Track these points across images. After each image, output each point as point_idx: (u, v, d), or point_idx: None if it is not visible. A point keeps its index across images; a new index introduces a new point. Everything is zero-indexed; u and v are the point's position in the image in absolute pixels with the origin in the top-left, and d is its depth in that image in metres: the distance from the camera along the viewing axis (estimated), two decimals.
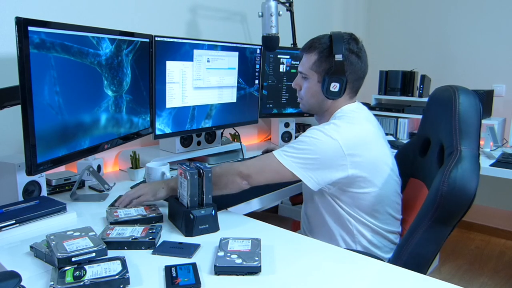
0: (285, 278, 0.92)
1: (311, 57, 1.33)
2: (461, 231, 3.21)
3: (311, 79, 1.34)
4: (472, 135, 1.19)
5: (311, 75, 1.34)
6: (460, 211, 1.13)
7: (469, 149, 1.18)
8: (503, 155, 2.24)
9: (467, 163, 1.14)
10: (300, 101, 1.42)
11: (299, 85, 1.40)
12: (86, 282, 0.83)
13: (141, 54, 1.59)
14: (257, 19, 2.02)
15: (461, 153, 1.16)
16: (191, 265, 0.94)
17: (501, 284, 2.49)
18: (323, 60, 1.30)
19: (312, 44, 1.33)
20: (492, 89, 2.82)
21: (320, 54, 1.31)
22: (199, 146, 1.96)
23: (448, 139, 1.23)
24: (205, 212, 1.13)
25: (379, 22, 3.50)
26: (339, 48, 1.27)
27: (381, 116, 3.01)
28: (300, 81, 1.39)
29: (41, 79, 1.11)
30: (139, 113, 1.64)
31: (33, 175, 1.13)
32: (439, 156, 1.32)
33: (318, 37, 1.34)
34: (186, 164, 1.19)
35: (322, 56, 1.30)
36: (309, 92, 1.36)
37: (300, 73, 1.37)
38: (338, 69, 1.27)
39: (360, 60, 1.32)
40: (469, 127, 1.20)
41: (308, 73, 1.34)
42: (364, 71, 1.35)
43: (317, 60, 1.31)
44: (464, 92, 1.25)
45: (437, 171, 1.25)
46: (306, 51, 1.35)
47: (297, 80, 1.41)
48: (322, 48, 1.31)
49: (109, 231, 1.08)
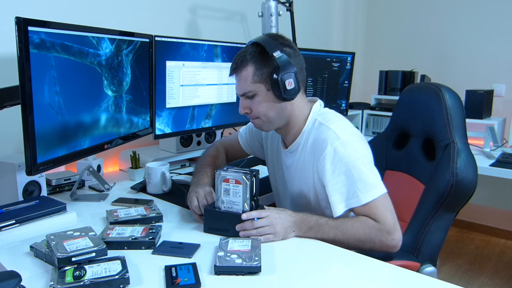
0: (285, 278, 0.92)
1: (247, 71, 1.16)
2: (461, 231, 3.21)
3: (259, 92, 1.17)
4: (461, 128, 1.35)
5: (256, 88, 1.17)
6: (467, 197, 1.28)
7: (463, 141, 1.33)
8: (503, 155, 2.24)
9: (465, 153, 1.30)
10: (258, 122, 1.23)
11: (248, 107, 1.21)
12: (86, 282, 0.83)
13: (141, 54, 1.59)
14: (257, 19, 2.02)
15: (457, 144, 1.31)
16: (191, 265, 0.94)
17: (501, 284, 2.49)
18: (262, 66, 1.16)
19: (240, 60, 1.18)
20: (492, 89, 2.82)
21: (256, 63, 1.16)
22: (199, 146, 1.96)
23: (441, 133, 1.36)
24: None
25: (379, 22, 3.50)
26: (272, 46, 1.14)
27: (381, 116, 3.01)
28: (246, 103, 1.20)
29: (41, 79, 1.11)
30: (139, 113, 1.64)
31: (33, 175, 1.12)
32: (425, 149, 1.45)
33: (240, 53, 1.19)
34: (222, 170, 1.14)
35: (259, 63, 1.16)
36: (264, 106, 1.18)
37: (243, 95, 1.20)
38: (282, 65, 1.13)
39: (293, 50, 1.20)
40: (458, 121, 1.35)
41: (253, 88, 1.17)
42: (302, 60, 1.22)
43: (255, 69, 1.16)
44: (447, 89, 1.40)
45: (425, 162, 1.43)
46: (238, 70, 1.18)
47: (242, 104, 1.21)
48: (253, 56, 1.16)
49: (109, 231, 1.08)
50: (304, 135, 1.22)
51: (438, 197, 1.28)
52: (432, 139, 1.41)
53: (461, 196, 1.28)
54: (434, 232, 1.30)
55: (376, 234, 1.06)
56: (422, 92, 1.49)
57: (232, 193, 1.14)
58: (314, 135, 1.19)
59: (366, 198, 1.08)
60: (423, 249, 1.29)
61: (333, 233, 1.08)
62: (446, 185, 1.26)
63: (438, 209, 1.29)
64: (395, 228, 1.07)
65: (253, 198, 1.13)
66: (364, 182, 1.09)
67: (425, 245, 1.29)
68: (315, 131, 1.19)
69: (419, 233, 1.29)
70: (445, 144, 1.33)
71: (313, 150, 1.18)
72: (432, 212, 1.30)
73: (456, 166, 1.27)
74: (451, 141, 1.33)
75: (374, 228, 1.07)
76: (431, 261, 1.30)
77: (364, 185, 1.09)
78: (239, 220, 1.11)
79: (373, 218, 1.08)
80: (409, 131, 1.54)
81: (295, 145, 1.25)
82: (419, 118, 1.47)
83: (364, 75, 3.53)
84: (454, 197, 1.27)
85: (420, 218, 1.31)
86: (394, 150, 1.60)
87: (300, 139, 1.23)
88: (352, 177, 1.09)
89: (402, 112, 1.59)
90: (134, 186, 1.55)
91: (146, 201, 1.40)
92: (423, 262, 1.27)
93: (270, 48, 1.14)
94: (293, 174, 1.27)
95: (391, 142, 1.61)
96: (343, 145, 1.12)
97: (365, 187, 1.08)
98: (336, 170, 1.11)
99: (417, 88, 1.56)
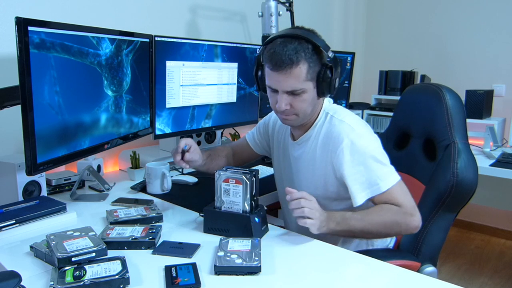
0: (285, 278, 0.92)
1: (300, 69, 1.12)
2: (461, 231, 3.21)
3: (308, 90, 1.16)
4: (462, 128, 1.36)
5: (307, 85, 1.15)
6: (467, 197, 1.29)
7: (463, 141, 1.34)
8: (503, 155, 2.24)
9: (466, 153, 1.31)
10: (292, 119, 1.20)
11: (290, 103, 1.17)
12: (86, 282, 0.83)
13: (141, 54, 1.59)
14: (257, 19, 2.02)
15: (458, 145, 1.32)
16: (191, 265, 0.94)
17: (501, 284, 2.49)
18: (314, 64, 1.14)
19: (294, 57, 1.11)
20: (492, 89, 2.82)
21: (310, 61, 1.13)
22: (199, 146, 1.96)
23: (442, 133, 1.37)
24: (263, 213, 1.16)
25: (379, 22, 3.50)
26: (324, 45, 1.14)
27: (381, 116, 3.01)
28: (289, 100, 1.16)
29: (41, 79, 1.11)
30: (139, 113, 1.64)
31: (33, 175, 1.13)
32: (426, 149, 1.46)
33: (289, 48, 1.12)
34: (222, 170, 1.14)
35: (312, 61, 1.13)
36: (307, 103, 1.18)
37: (292, 92, 1.15)
38: (335, 64, 1.15)
39: None
40: (459, 121, 1.36)
41: (304, 85, 1.14)
42: None
43: (309, 68, 1.13)
44: (448, 90, 1.40)
45: (426, 163, 1.43)
46: (290, 67, 1.11)
47: (285, 100, 1.16)
48: (307, 53, 1.12)
49: (109, 231, 1.08)
50: (316, 127, 1.24)
51: (439, 197, 1.29)
52: (432, 140, 1.42)
53: (462, 196, 1.28)
54: (435, 232, 1.30)
55: (402, 218, 1.11)
56: (423, 92, 1.49)
57: (232, 193, 1.14)
58: (326, 128, 1.22)
59: (386, 185, 1.12)
60: (424, 249, 1.29)
61: (361, 225, 1.10)
62: (447, 185, 1.27)
63: (438, 209, 1.29)
64: (415, 209, 1.13)
65: (253, 198, 1.13)
66: (381, 170, 1.14)
67: (425, 245, 1.29)
68: (327, 124, 1.22)
69: (420, 233, 1.28)
70: (446, 144, 1.34)
71: (326, 143, 1.20)
72: (433, 212, 1.30)
73: (457, 166, 1.28)
74: (451, 141, 1.33)
75: (399, 213, 1.12)
76: (431, 261, 1.30)
77: (382, 173, 1.13)
78: (239, 220, 1.11)
79: (394, 203, 1.12)
80: (409, 131, 1.55)
81: (305, 137, 1.26)
82: (420, 119, 1.48)
83: (364, 75, 3.53)
84: (454, 197, 1.27)
85: None
86: (394, 150, 1.60)
87: (311, 132, 1.25)
88: (370, 166, 1.13)
89: (403, 113, 1.59)
90: (134, 186, 1.55)
91: (146, 201, 1.40)
92: (423, 262, 1.27)
93: (324, 47, 1.14)
94: (301, 166, 1.28)
95: (391, 142, 1.61)
96: (359, 137, 1.15)
97: (383, 174, 1.13)
98: (355, 161, 1.14)
99: (418, 89, 1.57)
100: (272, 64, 1.13)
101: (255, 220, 1.11)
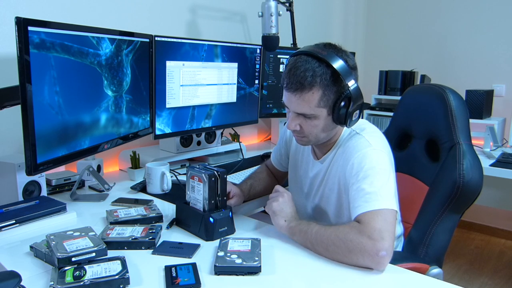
0: (285, 278, 0.92)
1: (313, 95, 1.06)
2: (461, 231, 3.21)
3: (319, 116, 1.09)
4: (465, 129, 1.35)
5: (319, 112, 1.08)
6: (473, 198, 1.28)
7: (467, 142, 1.34)
8: (503, 155, 2.24)
9: (471, 154, 1.31)
10: (304, 140, 1.17)
11: (299, 125, 1.13)
12: (86, 282, 0.83)
13: (141, 54, 1.59)
14: (257, 19, 2.02)
15: (462, 146, 1.32)
16: (191, 265, 0.94)
17: (501, 284, 2.49)
18: (330, 92, 1.07)
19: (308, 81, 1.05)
20: (492, 89, 2.82)
21: (325, 88, 1.06)
22: (199, 146, 1.96)
23: (445, 134, 1.36)
24: (223, 215, 1.13)
25: (379, 22, 3.50)
26: (347, 73, 1.05)
27: (381, 116, 3.01)
28: (299, 121, 1.12)
29: (41, 79, 1.11)
30: (139, 113, 1.64)
31: (33, 175, 1.13)
32: (429, 150, 1.45)
33: (306, 70, 1.05)
34: (195, 166, 1.16)
35: (328, 88, 1.06)
36: (319, 128, 1.12)
37: (302, 114, 1.10)
38: (355, 97, 1.06)
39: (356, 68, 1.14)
40: (463, 122, 1.36)
41: (315, 112, 1.08)
42: None
43: (323, 94, 1.06)
44: (451, 91, 1.40)
45: (429, 164, 1.43)
46: (302, 90, 1.06)
47: (294, 121, 1.12)
48: (323, 79, 1.05)
49: (109, 231, 1.08)
50: (338, 145, 1.20)
51: (445, 199, 1.28)
52: (435, 140, 1.41)
53: (468, 197, 1.28)
54: (440, 234, 1.29)
55: (356, 236, 0.94)
56: (425, 93, 1.48)
57: (196, 190, 1.15)
58: (346, 142, 1.17)
59: (369, 207, 0.99)
60: (430, 251, 1.29)
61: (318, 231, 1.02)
62: (453, 187, 1.27)
63: (444, 210, 1.28)
64: (380, 236, 0.93)
65: (215, 198, 1.13)
66: (376, 192, 1.01)
67: (431, 246, 1.29)
68: (348, 139, 1.17)
69: (425, 235, 1.29)
70: (450, 145, 1.33)
71: (342, 157, 1.15)
72: (438, 214, 1.29)
73: (463, 167, 1.27)
74: (456, 142, 1.33)
75: (353, 228, 0.97)
76: (437, 262, 1.29)
77: (375, 196, 1.01)
78: (197, 217, 1.12)
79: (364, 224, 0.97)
80: (411, 132, 1.54)
81: (328, 155, 1.22)
82: (422, 119, 1.47)
83: (364, 75, 3.53)
84: (460, 198, 1.27)
85: (426, 220, 1.31)
86: (395, 151, 1.57)
87: (333, 149, 1.21)
88: (370, 184, 1.03)
89: (404, 113, 1.58)
90: (134, 186, 1.55)
91: (146, 201, 1.40)
92: (430, 264, 1.25)
93: (346, 76, 1.04)
94: (318, 184, 1.25)
95: (392, 143, 1.57)
96: (372, 151, 1.09)
97: (375, 197, 1.01)
98: (360, 173, 1.06)
99: (420, 89, 1.55)
100: (286, 81, 1.09)
101: (209, 220, 1.10)
